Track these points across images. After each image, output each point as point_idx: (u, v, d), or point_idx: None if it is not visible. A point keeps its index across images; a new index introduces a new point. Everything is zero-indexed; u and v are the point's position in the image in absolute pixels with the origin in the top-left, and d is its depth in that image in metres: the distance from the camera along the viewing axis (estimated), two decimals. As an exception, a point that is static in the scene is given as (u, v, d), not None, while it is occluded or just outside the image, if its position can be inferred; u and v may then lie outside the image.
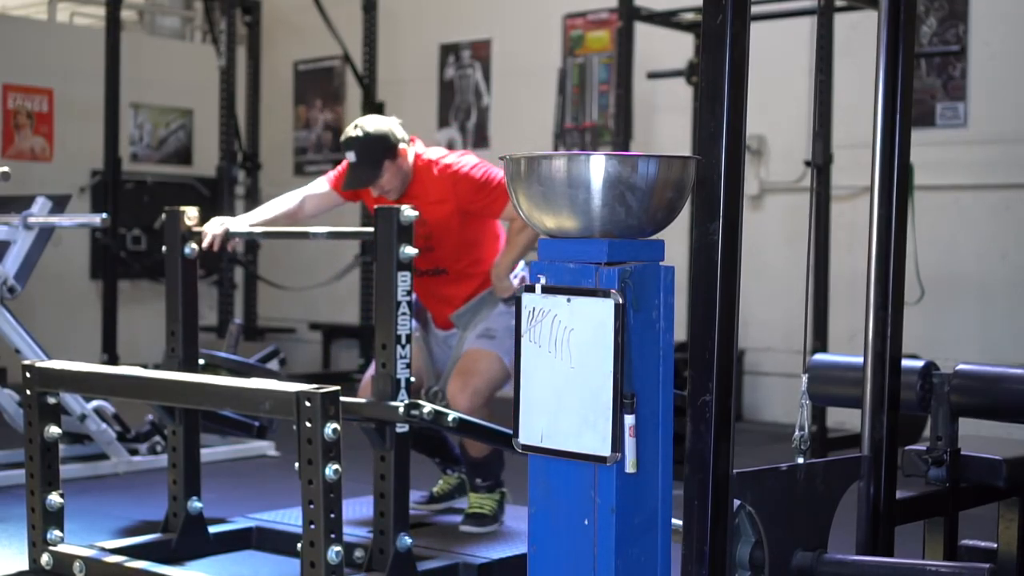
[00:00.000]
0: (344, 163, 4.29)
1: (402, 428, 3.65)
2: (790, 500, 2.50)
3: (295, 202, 4.31)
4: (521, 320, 2.49)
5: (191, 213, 4.08)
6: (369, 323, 8.72)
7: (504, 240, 4.28)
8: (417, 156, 4.24)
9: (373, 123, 4.18)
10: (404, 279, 3.60)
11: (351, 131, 4.17)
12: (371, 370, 4.29)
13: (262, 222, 4.23)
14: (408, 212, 3.61)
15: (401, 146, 4.17)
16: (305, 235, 3.95)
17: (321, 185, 4.36)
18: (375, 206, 3.91)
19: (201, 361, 4.15)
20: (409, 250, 3.60)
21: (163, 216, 4.13)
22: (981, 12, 6.86)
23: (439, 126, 9.09)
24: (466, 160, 4.21)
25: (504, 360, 4.13)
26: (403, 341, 3.61)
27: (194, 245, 4.07)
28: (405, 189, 4.21)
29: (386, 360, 3.62)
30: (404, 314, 3.61)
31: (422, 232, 4.17)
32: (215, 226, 4.07)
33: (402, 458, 3.66)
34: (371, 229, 3.69)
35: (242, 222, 4.17)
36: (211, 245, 4.06)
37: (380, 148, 4.13)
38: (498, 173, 4.12)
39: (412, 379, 3.68)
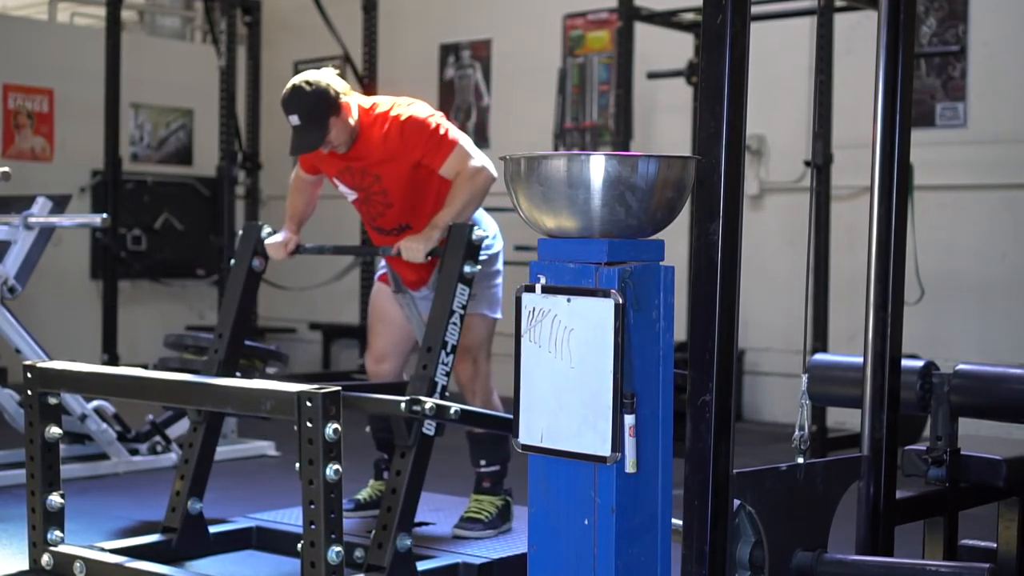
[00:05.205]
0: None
1: (428, 429, 3.68)
2: (790, 500, 2.50)
3: (301, 186, 4.42)
4: (521, 320, 2.50)
5: (267, 228, 4.25)
6: (369, 323, 8.72)
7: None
8: (364, 111, 4.11)
9: (310, 81, 4.03)
10: (463, 292, 3.80)
11: (288, 93, 4.05)
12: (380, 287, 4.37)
13: (302, 217, 4.37)
14: (478, 232, 3.82)
15: (343, 99, 4.05)
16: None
17: (298, 169, 4.44)
18: (359, 197, 4.09)
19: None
20: (473, 266, 3.81)
21: (240, 230, 4.32)
22: (981, 12, 6.86)
23: (439, 126, 9.08)
24: (415, 108, 4.10)
25: (488, 315, 4.21)
26: (448, 349, 3.77)
27: (261, 259, 4.22)
28: (353, 141, 4.10)
29: (428, 363, 3.76)
30: (455, 324, 3.77)
31: (377, 189, 4.14)
32: (278, 250, 4.20)
33: (421, 460, 3.70)
34: (375, 247, 3.83)
35: (294, 233, 4.28)
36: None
37: (323, 106, 4.01)
38: (447, 124, 4.08)
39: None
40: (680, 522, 2.35)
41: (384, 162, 4.09)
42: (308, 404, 3.06)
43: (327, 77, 4.07)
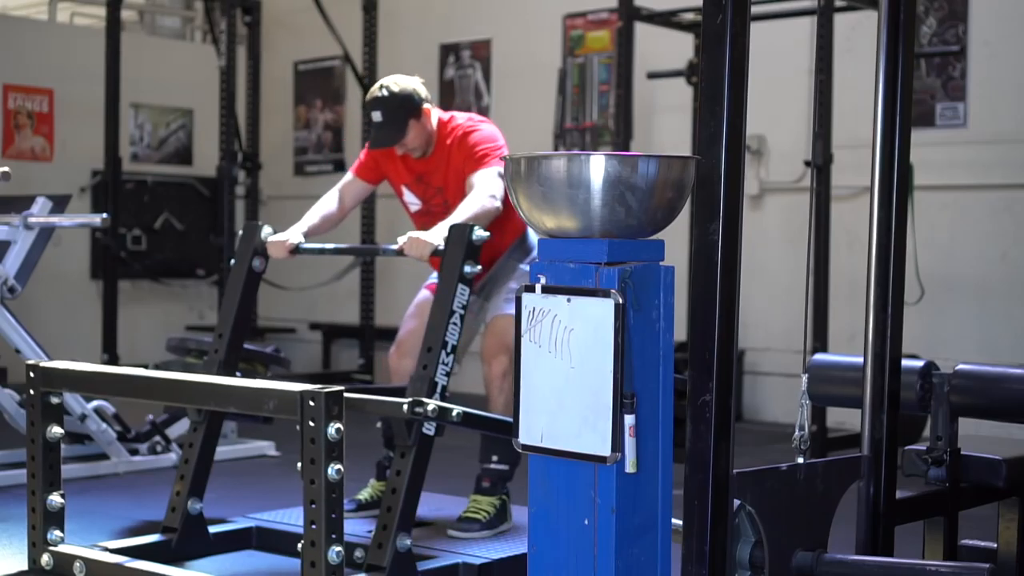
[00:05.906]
0: (364, 153, 4.42)
1: (429, 429, 3.68)
2: (790, 500, 2.50)
3: (335, 199, 4.44)
4: (521, 320, 2.50)
5: (268, 228, 4.22)
6: (369, 323, 8.73)
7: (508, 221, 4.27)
8: (443, 123, 4.32)
9: (398, 83, 4.27)
10: (463, 292, 3.79)
11: (376, 91, 4.27)
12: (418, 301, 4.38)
13: (314, 228, 4.32)
14: (480, 232, 3.79)
15: (425, 106, 4.27)
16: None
17: (348, 177, 4.48)
18: (415, 209, 4.14)
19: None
20: (473, 267, 3.79)
21: (240, 230, 4.29)
22: (981, 12, 6.87)
23: (439, 126, 9.08)
24: (483, 126, 4.31)
25: None
26: (448, 349, 3.76)
27: (262, 258, 4.21)
28: (429, 151, 4.30)
29: (428, 363, 3.75)
30: (455, 324, 3.76)
31: (439, 200, 4.30)
32: (279, 249, 4.16)
33: (421, 460, 3.70)
34: (377, 246, 3.77)
35: (297, 233, 4.25)
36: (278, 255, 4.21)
37: (405, 107, 4.23)
38: (502, 152, 4.20)
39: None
40: (680, 522, 2.35)
41: (448, 175, 4.26)
42: (311, 404, 3.06)
43: (414, 83, 4.31)
